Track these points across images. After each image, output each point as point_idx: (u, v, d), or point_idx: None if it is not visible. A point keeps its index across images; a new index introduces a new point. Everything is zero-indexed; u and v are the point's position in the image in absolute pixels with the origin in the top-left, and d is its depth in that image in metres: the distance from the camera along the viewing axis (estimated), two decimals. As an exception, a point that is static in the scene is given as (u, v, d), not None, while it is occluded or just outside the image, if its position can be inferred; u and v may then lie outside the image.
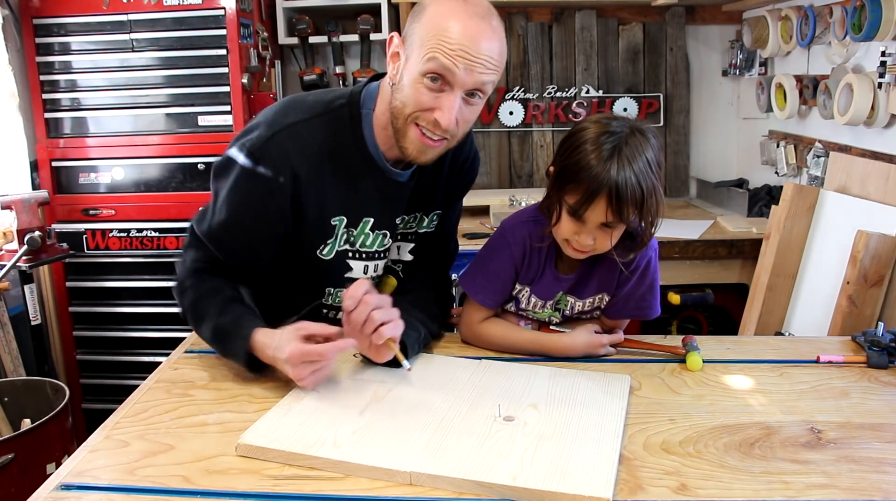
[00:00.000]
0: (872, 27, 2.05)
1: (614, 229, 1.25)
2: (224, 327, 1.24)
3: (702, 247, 2.55)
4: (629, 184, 1.18)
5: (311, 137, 1.25)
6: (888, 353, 1.30)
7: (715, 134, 3.35)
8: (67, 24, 2.62)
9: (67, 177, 2.72)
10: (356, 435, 1.03)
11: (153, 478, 0.95)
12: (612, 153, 1.19)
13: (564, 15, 3.22)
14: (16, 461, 1.92)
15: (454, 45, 1.12)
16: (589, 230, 1.24)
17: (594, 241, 1.25)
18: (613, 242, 1.27)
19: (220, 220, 1.27)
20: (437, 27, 1.13)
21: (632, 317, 1.44)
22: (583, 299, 1.40)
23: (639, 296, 1.38)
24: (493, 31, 1.15)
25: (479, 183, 3.32)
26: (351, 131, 1.28)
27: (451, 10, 1.14)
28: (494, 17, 1.17)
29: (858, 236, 1.94)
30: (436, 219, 1.45)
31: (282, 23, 3.00)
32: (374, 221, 1.34)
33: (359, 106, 1.29)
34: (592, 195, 1.19)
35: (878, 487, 0.92)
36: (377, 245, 1.37)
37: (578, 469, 0.93)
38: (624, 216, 1.21)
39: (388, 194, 1.33)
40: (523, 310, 1.43)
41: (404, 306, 1.32)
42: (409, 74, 1.17)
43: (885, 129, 2.17)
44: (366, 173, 1.30)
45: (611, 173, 1.18)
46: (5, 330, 2.40)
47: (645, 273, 1.37)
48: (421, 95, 1.16)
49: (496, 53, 1.16)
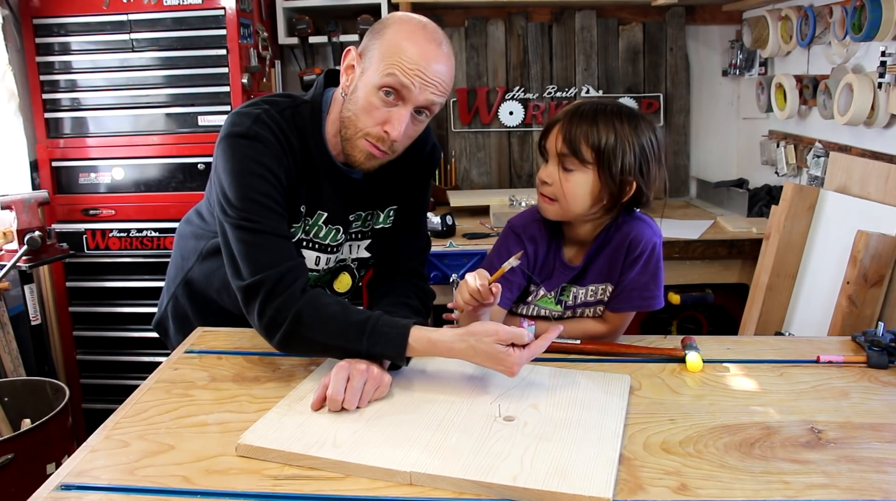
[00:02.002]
0: (872, 27, 2.05)
1: (571, 172, 1.29)
2: (371, 317, 1.20)
3: (702, 247, 2.55)
4: (585, 120, 1.28)
5: (285, 125, 1.31)
6: (888, 353, 1.30)
7: (715, 134, 3.35)
8: (67, 24, 2.62)
9: (67, 177, 2.72)
10: (356, 435, 1.03)
11: (153, 478, 0.95)
12: (586, 102, 1.32)
13: (564, 15, 3.22)
14: (16, 461, 1.92)
15: (412, 65, 1.21)
16: (550, 165, 1.32)
17: (550, 181, 1.31)
18: (570, 188, 1.30)
19: (243, 183, 1.25)
20: (397, 46, 1.22)
21: (635, 309, 1.42)
22: (585, 286, 1.41)
23: (642, 285, 1.38)
24: (446, 57, 1.26)
25: (479, 183, 3.35)
26: (311, 129, 1.34)
27: (410, 32, 1.24)
28: (447, 43, 1.27)
29: (858, 236, 1.94)
30: (392, 214, 1.48)
31: (282, 23, 3.00)
32: (328, 215, 1.39)
33: (320, 107, 1.35)
34: (551, 125, 1.32)
35: (878, 487, 0.92)
36: (330, 239, 1.42)
37: (578, 469, 0.93)
38: (576, 150, 1.27)
39: (343, 191, 1.39)
40: (527, 303, 1.44)
41: (385, 308, 1.34)
42: (364, 86, 1.25)
43: (885, 129, 2.17)
44: (323, 169, 1.35)
45: (572, 112, 1.30)
46: (5, 330, 2.40)
47: (649, 259, 1.37)
48: (374, 108, 1.24)
49: (447, 77, 1.26)
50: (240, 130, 1.26)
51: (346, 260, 1.49)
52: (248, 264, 1.23)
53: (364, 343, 1.17)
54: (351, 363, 1.15)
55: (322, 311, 1.20)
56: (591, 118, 1.28)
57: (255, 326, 1.24)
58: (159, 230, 2.70)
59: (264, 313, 1.21)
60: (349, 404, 1.10)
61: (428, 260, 1.58)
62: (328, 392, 1.11)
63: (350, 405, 1.10)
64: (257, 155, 1.25)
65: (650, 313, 2.78)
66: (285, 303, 1.20)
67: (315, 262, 1.42)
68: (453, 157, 3.31)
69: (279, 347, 1.23)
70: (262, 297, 1.21)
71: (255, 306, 1.21)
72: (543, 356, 1.35)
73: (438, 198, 3.09)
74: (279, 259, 1.23)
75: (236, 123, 1.27)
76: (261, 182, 1.25)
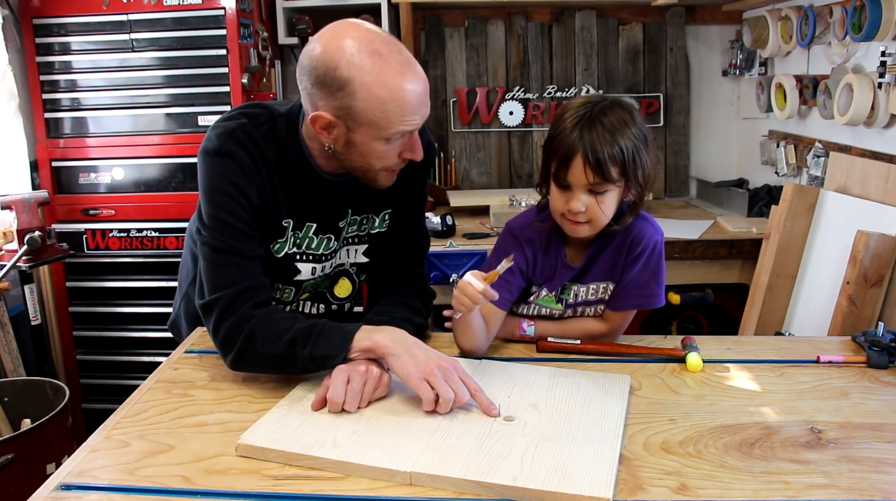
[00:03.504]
0: (872, 27, 2.05)
1: (603, 194, 1.27)
2: (315, 327, 1.20)
3: (702, 247, 2.55)
4: (604, 141, 1.23)
5: (262, 140, 1.29)
6: (888, 353, 1.30)
7: (715, 134, 3.35)
8: (67, 24, 2.62)
9: (67, 177, 2.72)
10: (356, 435, 1.03)
11: (153, 478, 0.95)
12: (585, 116, 1.25)
13: (564, 15, 3.22)
14: (16, 461, 1.92)
15: (408, 110, 1.18)
16: (576, 196, 1.27)
17: (584, 208, 1.27)
18: (605, 208, 1.28)
19: (212, 201, 1.27)
20: (381, 104, 1.16)
21: (636, 307, 1.41)
22: (586, 284, 1.41)
23: (643, 283, 1.38)
24: (417, 69, 1.20)
25: (479, 183, 3.35)
26: (288, 142, 1.32)
27: (378, 75, 1.15)
28: (405, 50, 1.20)
29: (858, 236, 1.94)
30: (387, 218, 1.47)
31: (282, 23, 3.00)
32: (318, 225, 1.38)
33: (296, 122, 1.32)
34: (569, 156, 1.24)
35: (878, 487, 0.92)
36: (323, 248, 1.40)
37: (578, 469, 0.93)
38: (606, 175, 1.24)
39: (328, 200, 1.37)
40: (528, 303, 1.44)
41: (385, 308, 1.35)
42: (363, 142, 1.22)
43: (885, 129, 2.17)
44: (305, 181, 1.34)
45: (584, 133, 1.23)
46: (5, 330, 2.40)
47: (650, 257, 1.37)
48: (387, 153, 1.24)
49: (426, 86, 1.22)
50: (212, 147, 1.26)
51: (344, 265, 1.49)
52: (208, 283, 1.25)
53: (308, 347, 1.17)
54: (351, 364, 1.15)
55: (273, 326, 1.21)
56: (612, 135, 1.23)
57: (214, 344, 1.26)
58: (159, 230, 2.70)
59: (218, 332, 1.22)
60: (349, 406, 1.11)
61: (428, 260, 1.58)
62: (328, 395, 1.11)
63: (350, 407, 1.11)
64: (227, 174, 1.25)
65: (650, 312, 2.78)
66: (237, 322, 1.21)
67: (311, 272, 1.41)
68: (453, 157, 3.31)
69: (233, 366, 1.23)
70: (216, 316, 1.22)
71: (211, 324, 1.23)
72: (543, 356, 1.36)
73: (438, 198, 3.09)
74: (237, 278, 1.24)
75: (210, 139, 1.28)
76: (228, 201, 1.25)
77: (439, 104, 3.29)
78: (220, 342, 1.22)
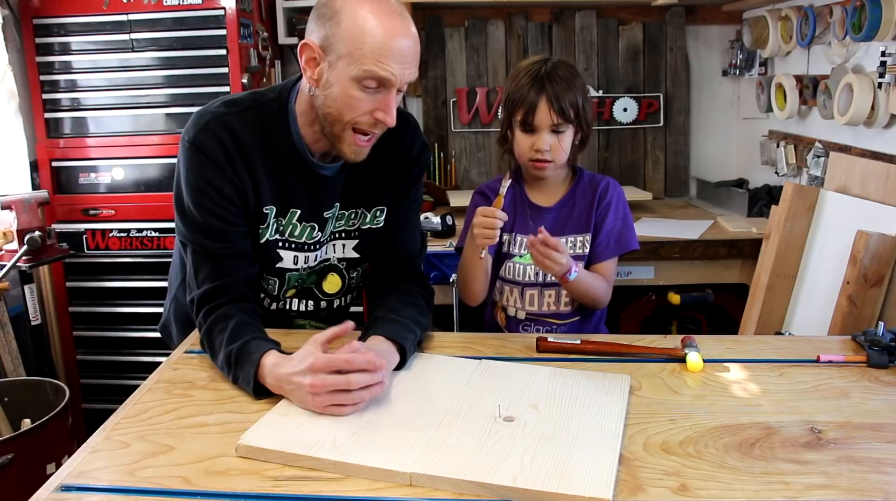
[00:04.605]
0: (872, 27, 2.05)
1: (563, 134, 1.51)
2: (234, 352, 1.21)
3: (702, 247, 2.55)
4: (562, 88, 1.48)
5: (242, 126, 1.30)
6: (888, 353, 1.30)
7: (715, 134, 3.35)
8: (67, 24, 2.62)
9: (67, 177, 2.71)
10: (356, 436, 1.03)
11: (153, 479, 0.95)
12: (541, 71, 1.50)
13: (564, 15, 3.22)
14: (16, 461, 1.92)
15: (384, 53, 1.17)
16: (542, 137, 1.50)
17: (549, 146, 1.50)
18: (564, 145, 1.52)
19: (190, 199, 1.30)
20: (360, 34, 1.17)
21: (616, 254, 1.60)
22: (564, 236, 1.58)
23: (617, 232, 1.59)
24: (411, 28, 1.22)
25: (478, 183, 3.31)
26: (278, 126, 1.32)
27: (368, 13, 1.17)
28: (404, 10, 1.22)
29: (858, 236, 1.94)
30: (380, 215, 1.47)
31: (282, 23, 3.00)
32: (301, 212, 1.38)
33: (286, 102, 1.33)
34: (535, 103, 1.48)
35: (878, 487, 0.92)
36: (306, 237, 1.40)
37: (578, 469, 0.93)
38: (567, 116, 1.49)
39: (315, 188, 1.37)
40: (509, 256, 1.61)
41: (392, 305, 1.34)
42: (338, 80, 1.21)
43: (885, 129, 2.17)
44: (292, 167, 1.34)
45: (545, 83, 1.49)
46: (5, 330, 2.40)
47: (618, 204, 1.60)
48: (358, 101, 1.22)
49: (416, 47, 1.23)
50: (188, 137, 1.29)
51: (330, 260, 1.48)
52: (188, 281, 1.34)
53: (233, 372, 1.20)
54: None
55: (212, 342, 1.27)
56: (567, 84, 1.49)
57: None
58: (159, 230, 2.70)
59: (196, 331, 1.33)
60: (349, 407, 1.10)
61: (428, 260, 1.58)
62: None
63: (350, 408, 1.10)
64: (198, 168, 1.28)
65: (651, 312, 2.78)
66: (200, 327, 1.30)
67: (294, 261, 1.41)
68: (453, 157, 3.31)
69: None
70: (194, 315, 1.32)
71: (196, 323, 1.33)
72: (543, 356, 1.36)
73: (438, 198, 3.09)
74: (205, 279, 1.30)
75: (188, 127, 1.30)
76: (202, 199, 1.28)
77: (439, 104, 3.29)
78: (201, 340, 1.31)
